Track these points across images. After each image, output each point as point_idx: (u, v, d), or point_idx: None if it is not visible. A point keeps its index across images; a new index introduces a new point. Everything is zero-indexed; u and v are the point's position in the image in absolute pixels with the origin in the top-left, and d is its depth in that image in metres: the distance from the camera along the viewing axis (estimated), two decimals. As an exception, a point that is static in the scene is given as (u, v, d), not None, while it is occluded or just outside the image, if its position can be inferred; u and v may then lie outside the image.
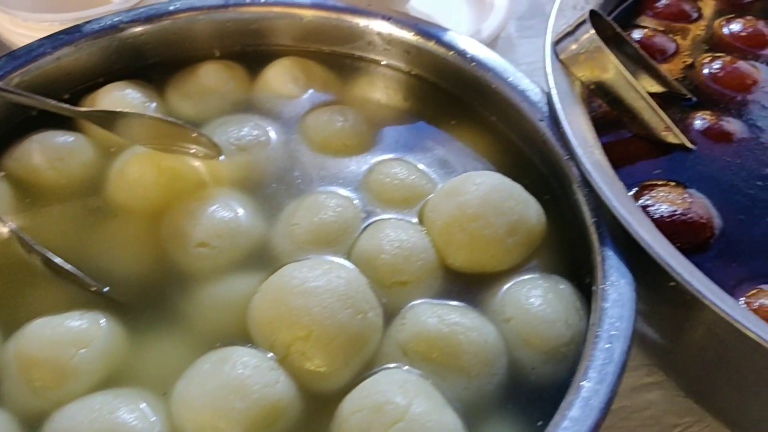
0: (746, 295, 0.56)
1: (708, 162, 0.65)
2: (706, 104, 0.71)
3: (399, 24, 0.72)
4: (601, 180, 0.55)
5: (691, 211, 0.60)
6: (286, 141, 0.69)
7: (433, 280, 0.58)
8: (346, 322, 0.52)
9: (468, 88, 0.70)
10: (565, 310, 0.55)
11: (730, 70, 0.73)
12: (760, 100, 0.71)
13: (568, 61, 0.65)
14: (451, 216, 0.59)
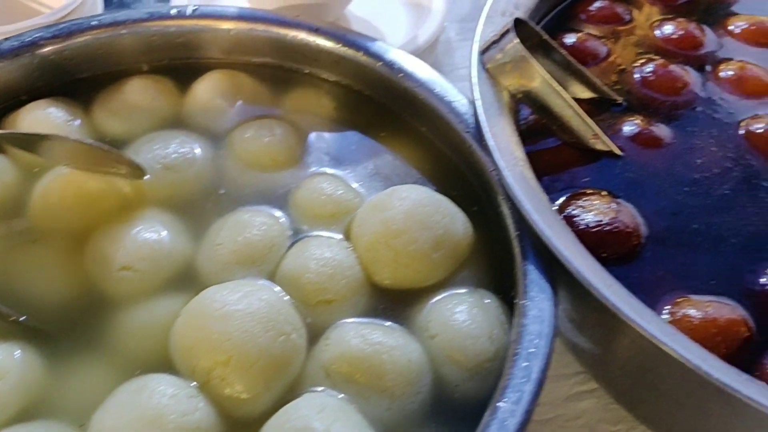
0: (671, 304, 0.55)
1: (637, 168, 0.65)
2: (637, 109, 0.71)
3: (327, 35, 0.71)
4: (521, 193, 0.55)
5: (617, 220, 0.59)
6: (214, 157, 0.67)
7: (360, 298, 0.57)
8: (267, 345, 0.52)
9: (397, 98, 0.69)
10: (489, 325, 0.55)
11: (661, 73, 0.73)
12: (690, 104, 0.71)
13: (495, 71, 0.64)
14: (376, 232, 0.58)
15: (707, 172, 0.65)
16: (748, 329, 0.54)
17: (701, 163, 0.66)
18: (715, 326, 0.53)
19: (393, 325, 0.57)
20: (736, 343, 0.53)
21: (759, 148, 0.67)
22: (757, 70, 0.75)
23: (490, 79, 0.65)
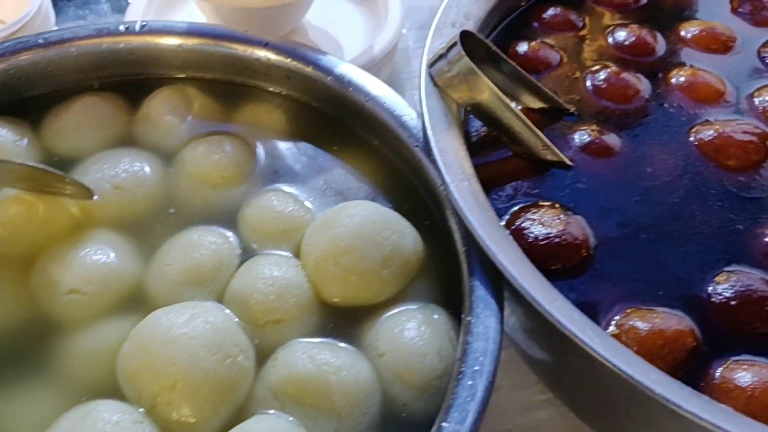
0: (619, 316, 0.55)
1: (587, 178, 0.65)
2: (588, 118, 0.71)
3: (276, 50, 0.70)
4: (467, 208, 0.55)
5: (566, 232, 0.59)
6: (164, 176, 0.67)
7: (309, 317, 0.57)
8: (213, 368, 0.51)
9: (349, 112, 0.69)
10: (438, 342, 0.54)
11: (613, 81, 0.73)
12: (642, 112, 0.71)
13: (443, 84, 0.64)
14: (324, 250, 0.58)
15: (657, 181, 0.65)
16: (695, 339, 0.54)
17: (652, 172, 0.66)
18: (661, 338, 0.54)
19: (342, 343, 0.56)
20: (684, 354, 0.54)
21: (709, 156, 0.67)
22: (708, 76, 0.75)
23: (439, 91, 0.65)
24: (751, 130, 0.68)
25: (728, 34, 0.81)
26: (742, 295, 0.56)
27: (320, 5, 0.95)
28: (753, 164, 0.67)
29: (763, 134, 0.69)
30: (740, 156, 0.67)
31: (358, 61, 0.85)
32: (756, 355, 0.54)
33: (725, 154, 0.67)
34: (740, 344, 0.55)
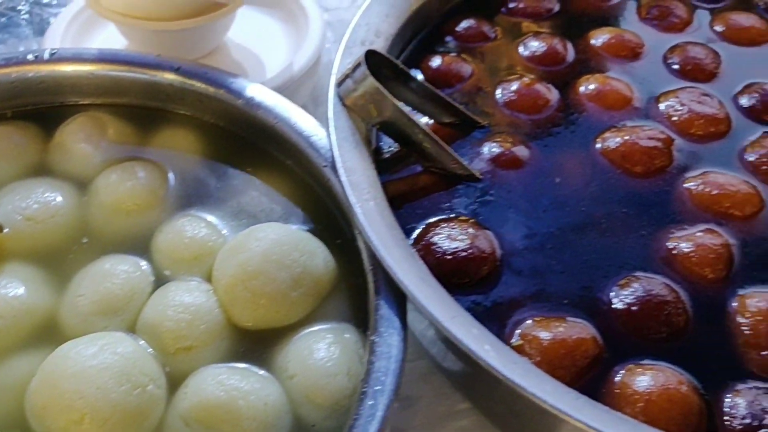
0: (524, 327, 0.56)
1: (496, 190, 0.66)
2: (499, 130, 0.72)
3: (188, 74, 0.71)
4: (369, 227, 0.56)
5: (473, 246, 0.61)
6: (77, 205, 0.67)
7: (221, 342, 0.58)
8: (122, 400, 0.52)
9: (261, 134, 0.69)
10: (347, 362, 0.55)
11: (523, 92, 0.75)
12: (552, 122, 0.72)
13: (351, 103, 0.65)
14: (233, 275, 0.58)
15: (565, 191, 0.67)
16: (598, 347, 0.56)
17: (560, 182, 0.67)
18: (563, 347, 0.55)
19: (254, 367, 0.57)
20: (586, 361, 0.55)
21: (615, 163, 0.69)
22: (616, 84, 0.77)
23: (348, 110, 0.65)
24: (656, 136, 0.70)
25: (636, 40, 0.83)
26: (642, 300, 0.58)
27: (243, 23, 0.95)
28: (658, 170, 0.69)
29: (667, 139, 0.70)
30: (646, 162, 0.68)
31: (280, 78, 0.86)
32: (657, 360, 0.56)
33: (631, 160, 0.69)
34: (642, 349, 0.57)
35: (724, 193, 0.65)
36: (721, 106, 0.74)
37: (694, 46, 0.81)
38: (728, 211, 0.65)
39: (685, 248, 0.61)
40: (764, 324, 0.56)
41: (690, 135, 0.72)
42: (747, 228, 0.64)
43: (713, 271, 0.60)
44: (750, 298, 0.58)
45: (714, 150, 0.71)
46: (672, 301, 0.58)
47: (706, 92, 0.75)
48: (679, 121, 0.72)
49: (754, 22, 0.85)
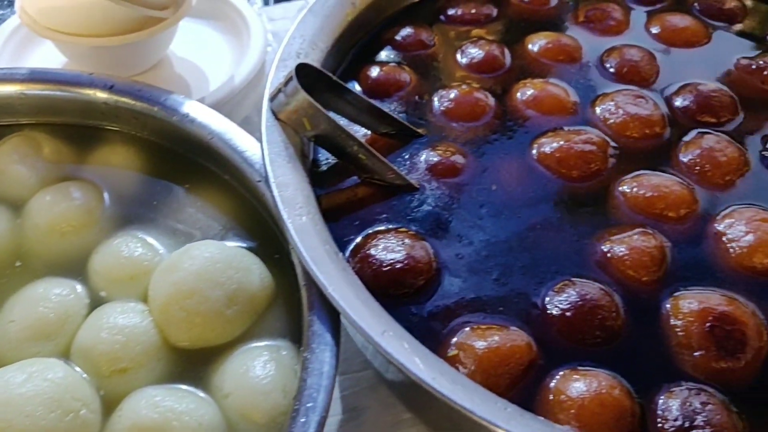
0: (460, 336, 0.57)
1: (434, 199, 0.67)
2: (437, 138, 0.72)
3: (122, 92, 0.70)
4: (301, 242, 0.56)
5: (409, 256, 0.61)
6: (11, 228, 0.66)
7: (157, 363, 0.57)
8: (53, 426, 0.51)
9: (197, 150, 0.69)
10: (283, 378, 0.55)
11: (460, 100, 0.75)
12: (490, 129, 0.73)
13: (284, 118, 0.65)
14: (168, 295, 0.58)
15: (502, 198, 0.67)
16: (533, 353, 0.56)
17: (496, 189, 0.68)
18: (497, 355, 0.55)
19: (190, 387, 0.56)
20: (521, 369, 0.56)
21: (551, 168, 0.69)
22: (553, 89, 0.77)
23: (282, 124, 0.65)
24: (591, 140, 0.71)
25: (573, 44, 0.83)
26: (576, 305, 0.58)
27: (185, 35, 0.94)
28: (593, 174, 0.69)
29: (602, 143, 0.71)
30: (581, 166, 0.69)
31: (222, 90, 0.86)
32: (591, 364, 0.56)
33: (566, 165, 0.69)
34: (578, 354, 0.57)
35: (657, 195, 0.66)
36: (657, 108, 0.74)
37: (630, 48, 0.82)
38: (662, 213, 0.65)
39: (620, 251, 0.62)
40: (696, 325, 0.57)
41: (626, 137, 0.72)
42: (681, 229, 0.65)
43: (647, 273, 0.61)
44: (683, 299, 0.59)
45: (650, 151, 0.72)
46: (606, 305, 0.58)
47: (641, 94, 0.76)
48: (615, 124, 0.73)
49: (689, 23, 0.86)
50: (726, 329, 0.57)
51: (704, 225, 0.65)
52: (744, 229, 0.63)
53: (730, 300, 0.59)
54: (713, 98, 0.76)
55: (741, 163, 0.70)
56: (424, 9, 0.88)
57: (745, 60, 0.82)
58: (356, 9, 0.80)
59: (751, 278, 0.62)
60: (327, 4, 0.77)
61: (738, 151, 0.71)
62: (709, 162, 0.69)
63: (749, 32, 0.88)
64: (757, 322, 0.58)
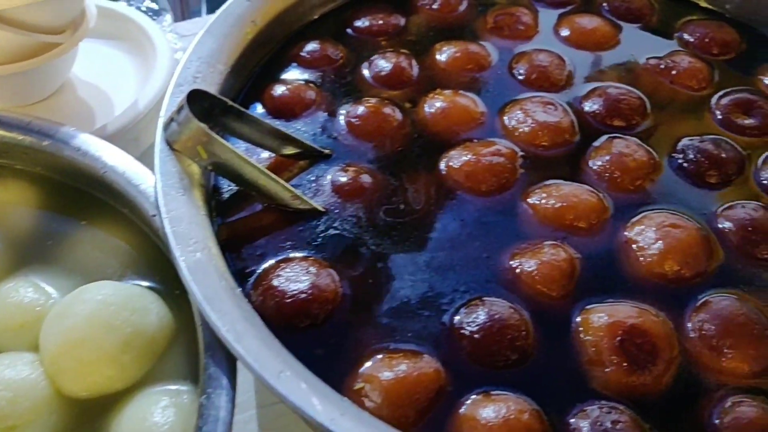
0: (367, 366, 0.55)
1: (340, 222, 0.65)
2: (344, 157, 0.70)
3: (9, 127, 0.66)
4: (193, 280, 0.53)
5: (314, 286, 0.59)
6: None
7: (49, 417, 0.55)
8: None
9: (92, 184, 0.66)
10: (183, 424, 0.53)
11: (367, 116, 0.73)
12: (398, 145, 0.71)
13: (179, 147, 0.62)
14: (59, 344, 0.55)
15: (411, 216, 0.65)
16: (442, 379, 0.54)
17: (405, 208, 0.66)
18: (404, 384, 0.54)
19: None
20: (430, 397, 0.54)
21: (459, 183, 0.68)
22: (462, 100, 0.76)
23: (178, 153, 0.63)
24: (499, 152, 0.69)
25: (482, 52, 0.82)
26: (485, 326, 0.57)
27: (88, 57, 0.91)
28: (502, 186, 0.68)
29: (511, 154, 0.70)
30: (489, 180, 0.68)
31: (126, 116, 0.83)
32: (502, 387, 0.55)
33: (475, 179, 0.68)
34: (488, 377, 0.56)
35: (566, 206, 0.65)
36: (566, 114, 0.73)
37: (539, 53, 0.81)
38: (572, 224, 0.64)
39: (529, 267, 0.61)
40: (606, 340, 0.56)
41: (535, 146, 0.71)
42: (592, 239, 0.64)
43: (557, 288, 0.60)
44: (593, 313, 0.58)
45: (560, 160, 0.71)
46: (516, 324, 0.57)
47: (550, 101, 0.75)
48: (524, 133, 0.72)
49: (597, 24, 0.85)
50: (636, 342, 0.56)
51: (615, 234, 0.64)
52: (653, 236, 0.63)
53: (641, 311, 0.58)
54: (622, 101, 0.75)
55: (651, 167, 0.69)
56: (331, 23, 0.86)
57: (653, 60, 0.82)
58: (257, 27, 0.78)
59: (662, 286, 0.61)
60: (225, 23, 0.75)
61: (648, 154, 0.70)
62: (618, 168, 0.68)
63: (658, 30, 0.88)
64: (668, 332, 0.57)
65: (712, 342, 0.57)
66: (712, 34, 0.86)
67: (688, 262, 0.61)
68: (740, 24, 0.88)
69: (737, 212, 0.66)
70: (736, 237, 0.64)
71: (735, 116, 0.75)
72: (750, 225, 0.64)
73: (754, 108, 0.76)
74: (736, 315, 0.58)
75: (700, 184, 0.69)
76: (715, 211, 0.67)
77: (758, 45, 0.86)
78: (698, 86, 0.79)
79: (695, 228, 0.63)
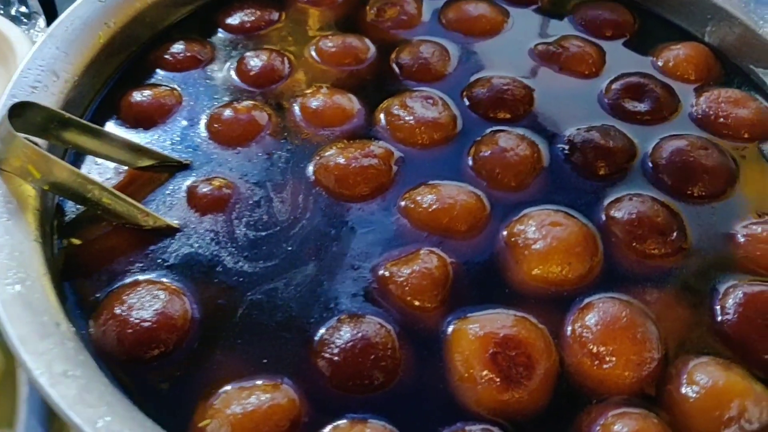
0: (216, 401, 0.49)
1: (197, 240, 0.59)
2: (205, 167, 0.64)
3: None
4: (6, 318, 0.47)
5: (160, 313, 0.53)
6: None
7: None
8: None
9: None
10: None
11: (232, 121, 0.68)
12: (265, 150, 0.65)
13: (7, 167, 0.56)
14: None
15: (274, 228, 0.60)
16: (295, 410, 0.49)
17: (268, 220, 0.60)
18: (252, 420, 0.49)
19: None
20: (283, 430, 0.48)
21: (328, 189, 0.63)
22: (337, 98, 0.71)
23: (7, 174, 0.56)
24: (373, 153, 0.64)
25: (361, 45, 0.77)
26: (346, 347, 0.52)
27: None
28: (376, 190, 0.63)
29: (386, 155, 0.65)
30: (361, 184, 0.63)
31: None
32: (365, 414, 0.50)
33: (345, 184, 0.63)
34: (351, 404, 0.51)
35: (441, 208, 0.60)
36: (447, 109, 0.69)
37: (421, 44, 0.76)
38: (448, 227, 0.60)
39: (398, 277, 0.56)
40: (477, 354, 0.51)
41: (413, 145, 0.67)
42: (469, 243, 0.60)
43: (429, 299, 0.56)
44: (465, 325, 0.53)
45: (439, 157, 0.66)
46: (381, 342, 0.52)
47: (430, 95, 0.70)
48: (401, 131, 0.66)
49: (484, 11, 0.80)
50: (509, 355, 0.51)
51: (495, 235, 0.59)
52: (533, 236, 0.58)
53: (516, 320, 0.53)
54: (507, 92, 0.71)
55: (534, 162, 0.65)
56: (199, 21, 0.80)
57: (542, 45, 0.77)
58: (112, 29, 0.71)
59: (542, 290, 0.57)
60: (72, 27, 0.68)
61: (532, 148, 0.66)
62: (499, 164, 0.64)
63: (550, 13, 0.83)
64: (546, 341, 0.53)
65: (592, 349, 0.52)
66: (605, 15, 0.82)
67: (570, 262, 0.57)
68: (634, 4, 0.84)
69: (625, 205, 0.61)
70: (622, 232, 0.60)
71: (626, 102, 0.71)
72: (637, 219, 0.60)
73: (645, 92, 0.72)
74: (617, 318, 0.54)
75: (588, 177, 0.65)
76: (604, 205, 0.62)
77: (653, 25, 0.82)
78: (589, 72, 0.75)
79: (578, 225, 0.59)
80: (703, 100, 0.72)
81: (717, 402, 0.50)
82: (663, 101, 0.71)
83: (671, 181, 0.64)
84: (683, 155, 0.65)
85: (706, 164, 0.65)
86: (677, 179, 0.64)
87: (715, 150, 0.66)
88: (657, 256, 0.59)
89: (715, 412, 0.49)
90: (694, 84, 0.74)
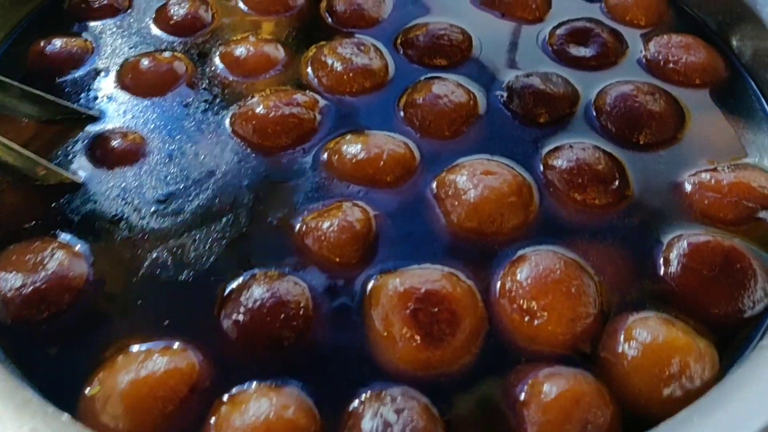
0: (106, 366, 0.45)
1: (101, 195, 0.55)
2: (116, 119, 0.59)
3: None
4: None
5: (53, 274, 0.49)
6: None
7: None
8: None
9: None
10: None
11: (146, 72, 0.64)
12: (180, 100, 0.61)
13: None
14: None
15: (183, 182, 0.56)
16: (194, 376, 0.45)
17: (179, 173, 0.56)
18: (145, 386, 0.45)
19: None
20: (179, 398, 0.45)
21: (247, 140, 0.58)
22: (262, 46, 0.67)
23: None
24: (296, 101, 0.60)
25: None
26: (253, 308, 0.48)
27: None
28: (297, 141, 0.58)
29: (310, 103, 0.61)
30: (281, 134, 0.59)
31: None
32: (274, 378, 0.45)
33: (264, 134, 0.58)
34: (256, 368, 0.47)
35: (367, 158, 0.56)
36: (379, 56, 0.64)
37: (356, -12, 0.71)
38: (374, 178, 0.55)
39: (317, 232, 0.51)
40: (397, 311, 0.47)
41: (341, 93, 0.62)
42: (396, 194, 0.55)
43: (349, 254, 0.51)
44: (385, 281, 0.49)
45: (369, 106, 0.62)
46: (293, 301, 0.48)
47: (362, 42, 0.65)
48: (328, 78, 0.62)
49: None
50: (431, 311, 0.47)
51: (424, 187, 0.55)
52: (464, 186, 0.54)
53: (442, 275, 0.49)
54: (443, 37, 0.66)
55: (469, 110, 0.61)
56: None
57: (484, -10, 0.72)
58: (18, -27, 0.66)
59: (473, 243, 0.52)
60: (-29, -30, 0.63)
61: (467, 95, 0.61)
62: (431, 112, 0.59)
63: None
64: (472, 296, 0.49)
65: (522, 304, 0.48)
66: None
67: (503, 213, 0.52)
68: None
69: (565, 153, 0.57)
70: (561, 182, 0.55)
71: (570, 47, 0.67)
72: (576, 167, 0.56)
73: (591, 37, 0.67)
74: (550, 271, 0.49)
75: (527, 125, 0.61)
76: (542, 154, 0.57)
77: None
78: (532, 17, 0.71)
79: (512, 174, 0.55)
80: (653, 45, 0.67)
81: (657, 359, 0.45)
82: (610, 46, 0.67)
83: (615, 129, 0.60)
84: (628, 101, 0.61)
85: (652, 110, 0.60)
86: (622, 126, 0.60)
87: (663, 95, 0.62)
88: (597, 206, 0.55)
89: (654, 369, 0.45)
90: (645, 29, 0.70)
